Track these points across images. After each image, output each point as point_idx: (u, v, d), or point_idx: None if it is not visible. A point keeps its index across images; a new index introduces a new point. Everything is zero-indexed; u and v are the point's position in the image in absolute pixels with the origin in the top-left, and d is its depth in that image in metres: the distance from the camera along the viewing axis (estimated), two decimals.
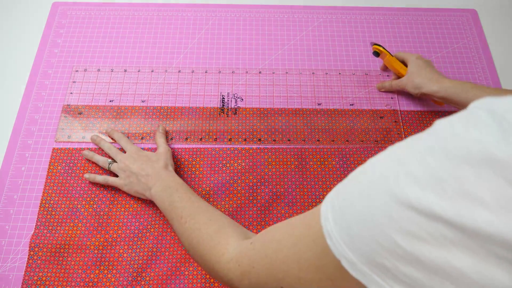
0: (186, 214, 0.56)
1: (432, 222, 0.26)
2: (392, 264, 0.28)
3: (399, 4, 0.90)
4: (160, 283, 0.62)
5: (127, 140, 0.70)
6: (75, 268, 0.63)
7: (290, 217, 0.67)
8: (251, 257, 0.43)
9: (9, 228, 0.65)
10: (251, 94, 0.78)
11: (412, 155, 0.28)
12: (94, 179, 0.67)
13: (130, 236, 0.65)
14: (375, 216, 0.29)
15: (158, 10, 0.88)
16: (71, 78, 0.79)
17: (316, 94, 0.78)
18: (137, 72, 0.80)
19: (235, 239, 0.48)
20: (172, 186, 0.61)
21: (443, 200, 0.26)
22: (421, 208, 0.26)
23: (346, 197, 0.32)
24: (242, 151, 0.72)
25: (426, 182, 0.27)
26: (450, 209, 0.25)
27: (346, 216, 0.31)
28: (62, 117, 0.75)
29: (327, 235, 0.33)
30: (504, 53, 0.84)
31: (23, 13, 0.88)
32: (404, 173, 0.28)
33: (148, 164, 0.65)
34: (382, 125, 0.75)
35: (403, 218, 0.27)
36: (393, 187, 0.28)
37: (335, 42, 0.85)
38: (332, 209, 0.33)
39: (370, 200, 0.30)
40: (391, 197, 0.28)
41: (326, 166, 0.71)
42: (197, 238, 0.52)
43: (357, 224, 0.30)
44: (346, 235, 0.31)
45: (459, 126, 0.27)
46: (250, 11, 0.88)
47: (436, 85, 0.69)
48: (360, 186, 0.31)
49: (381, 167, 0.31)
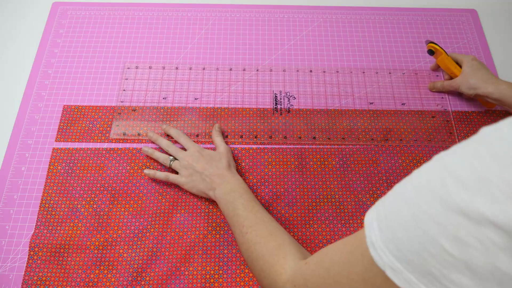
0: (248, 224, 0.56)
1: (480, 227, 0.26)
2: (440, 271, 0.28)
3: (399, 4, 0.90)
4: (160, 283, 0.62)
5: (187, 138, 0.70)
6: (75, 268, 0.63)
7: (290, 217, 0.67)
8: (306, 277, 0.44)
9: (9, 228, 0.65)
10: (304, 93, 0.78)
11: (459, 159, 0.28)
12: (154, 176, 0.67)
13: (130, 236, 0.65)
14: (422, 222, 0.29)
15: (158, 10, 0.87)
16: (123, 76, 0.79)
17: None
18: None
19: (293, 259, 0.49)
20: (236, 190, 0.61)
21: (492, 203, 0.25)
22: (469, 213, 0.26)
23: (392, 205, 0.32)
24: (242, 151, 0.72)
25: (473, 186, 0.26)
26: (500, 213, 0.25)
27: (391, 223, 0.31)
28: (116, 114, 0.75)
29: (370, 245, 0.33)
30: (504, 53, 0.84)
31: (23, 13, 0.87)
32: (450, 177, 0.28)
33: (211, 163, 0.65)
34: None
35: (451, 223, 0.27)
36: (440, 191, 0.28)
37: (335, 42, 0.84)
38: (377, 217, 0.33)
39: (417, 206, 0.29)
40: (438, 202, 0.28)
41: (326, 166, 0.71)
42: (256, 252, 0.53)
43: (404, 231, 0.30)
44: (392, 244, 0.31)
45: (506, 130, 0.27)
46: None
47: (491, 87, 0.69)
48: (406, 193, 0.31)
49: (427, 174, 0.30)
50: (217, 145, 0.69)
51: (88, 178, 0.69)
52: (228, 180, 0.63)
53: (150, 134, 0.71)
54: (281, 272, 0.48)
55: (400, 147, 0.73)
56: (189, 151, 0.67)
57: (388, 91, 0.79)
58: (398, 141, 0.74)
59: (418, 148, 0.73)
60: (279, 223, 0.66)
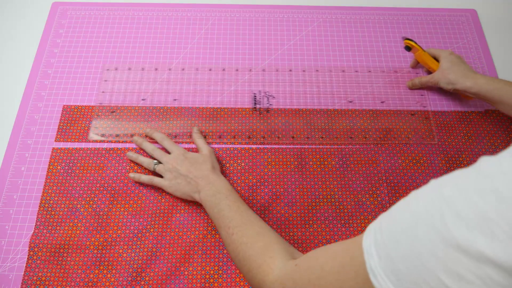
0: (234, 225, 0.56)
1: (480, 265, 0.25)
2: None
3: (399, 4, 0.90)
4: (160, 283, 0.62)
5: (171, 141, 0.70)
6: (74, 268, 0.63)
7: (289, 217, 0.67)
8: (295, 281, 0.43)
9: (9, 228, 0.65)
10: (284, 93, 0.78)
11: (459, 193, 0.28)
12: (139, 179, 0.67)
13: (130, 236, 0.65)
14: (421, 255, 0.28)
15: (158, 10, 0.87)
16: (103, 78, 0.79)
17: (349, 92, 0.78)
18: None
19: (280, 259, 0.49)
20: (221, 191, 0.61)
21: (492, 241, 0.25)
22: (469, 250, 0.26)
23: (390, 233, 0.32)
24: (242, 151, 0.72)
25: (474, 223, 0.26)
26: (500, 252, 0.24)
27: (391, 253, 0.31)
28: (95, 115, 0.74)
29: (370, 271, 0.33)
30: (504, 53, 0.84)
31: (23, 13, 0.88)
32: (450, 212, 0.27)
33: (195, 166, 0.65)
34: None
35: (450, 259, 0.27)
36: (439, 226, 0.27)
37: (335, 41, 0.84)
38: (375, 244, 0.33)
39: (416, 238, 0.29)
40: (437, 236, 0.27)
41: (325, 166, 0.71)
42: (243, 253, 0.53)
43: (403, 262, 0.30)
44: (391, 273, 0.31)
45: (506, 164, 0.26)
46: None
47: (469, 81, 0.70)
48: (405, 222, 0.31)
49: (425, 203, 0.30)
50: (200, 147, 0.69)
51: (88, 178, 0.69)
52: (212, 182, 0.63)
53: (135, 138, 0.71)
54: (269, 272, 0.48)
55: (393, 146, 0.73)
56: (173, 155, 0.67)
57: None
58: (373, 140, 0.74)
59: (418, 148, 0.73)
60: (279, 223, 0.66)
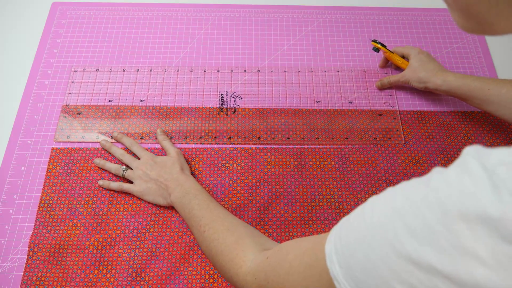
0: (204, 222, 0.57)
1: (430, 276, 0.26)
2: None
3: (399, 4, 0.90)
4: (159, 283, 0.62)
5: (140, 147, 0.70)
6: (74, 268, 0.63)
7: (289, 217, 0.67)
8: (267, 273, 0.45)
9: (9, 228, 0.65)
10: (250, 93, 0.78)
11: (409, 205, 0.29)
12: (109, 186, 0.67)
13: (129, 236, 0.65)
14: (376, 267, 0.29)
15: (157, 10, 0.87)
16: (70, 78, 0.79)
17: (315, 93, 0.78)
18: (136, 72, 0.80)
19: (252, 251, 0.50)
20: (190, 192, 0.62)
21: (440, 254, 0.26)
22: (420, 262, 0.27)
23: (348, 243, 0.33)
24: (242, 151, 0.72)
25: (423, 236, 0.27)
26: (448, 264, 0.25)
27: (349, 262, 0.32)
28: (62, 117, 0.75)
29: (334, 278, 0.34)
30: (504, 53, 0.84)
31: (23, 13, 0.88)
32: (401, 225, 0.28)
33: (165, 169, 0.65)
34: (382, 124, 0.75)
35: (403, 270, 0.27)
36: (391, 239, 0.29)
37: (335, 42, 0.84)
38: (335, 251, 0.34)
39: (371, 250, 0.30)
40: (390, 249, 0.28)
41: (325, 166, 0.71)
42: (215, 249, 0.53)
43: (361, 272, 0.31)
44: (352, 281, 0.32)
45: (453, 175, 0.27)
46: (250, 11, 0.88)
47: (439, 80, 0.70)
48: (361, 232, 0.32)
49: (379, 215, 0.31)
50: (167, 149, 0.70)
51: (87, 178, 0.69)
52: (182, 184, 0.63)
53: (103, 142, 0.71)
54: (241, 265, 0.49)
55: (392, 146, 0.73)
56: (143, 160, 0.68)
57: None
58: (342, 140, 0.74)
59: (417, 148, 0.73)
60: (278, 223, 0.66)
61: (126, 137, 0.72)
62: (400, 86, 0.79)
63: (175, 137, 0.73)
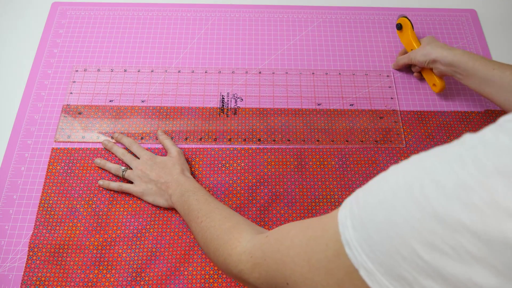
0: (202, 214, 0.56)
1: (456, 235, 0.25)
2: (412, 276, 0.27)
3: (399, 4, 0.90)
4: (159, 283, 0.62)
5: (140, 146, 0.70)
6: (74, 268, 0.63)
7: (289, 217, 0.67)
8: (264, 250, 0.43)
9: (9, 228, 0.65)
10: (251, 94, 0.78)
11: (439, 163, 0.28)
12: (108, 186, 0.67)
13: (129, 236, 0.65)
14: (397, 225, 0.28)
15: (157, 10, 0.88)
16: (71, 78, 0.79)
17: (316, 94, 0.78)
18: (136, 72, 0.80)
19: (249, 233, 0.49)
20: (190, 190, 0.61)
21: (470, 210, 0.25)
22: (446, 219, 0.26)
23: (367, 205, 0.31)
24: (242, 151, 0.72)
25: (453, 191, 0.26)
26: (477, 221, 0.24)
27: (366, 224, 0.31)
28: (62, 117, 0.75)
29: (345, 243, 0.32)
30: (503, 54, 0.84)
31: (23, 13, 0.87)
32: (429, 181, 0.27)
33: (165, 170, 0.65)
34: (382, 125, 0.75)
35: (426, 229, 0.26)
36: (417, 195, 0.27)
37: (335, 42, 0.85)
38: (351, 215, 0.32)
39: (393, 209, 0.29)
40: (415, 206, 0.27)
41: (325, 166, 0.71)
42: (211, 235, 0.52)
43: (378, 233, 0.29)
44: (366, 244, 0.30)
45: (490, 134, 0.26)
46: (250, 11, 0.88)
47: (446, 51, 0.70)
48: (382, 194, 0.30)
49: (405, 175, 0.30)
50: (168, 148, 0.70)
51: (87, 178, 0.69)
52: (182, 184, 0.63)
53: (105, 142, 0.71)
54: (236, 245, 0.48)
55: (392, 146, 0.73)
56: (142, 159, 0.67)
57: None
58: (345, 143, 0.74)
59: (417, 148, 0.73)
60: (278, 223, 0.66)
61: (126, 137, 0.72)
62: (401, 86, 0.79)
63: (175, 137, 0.73)
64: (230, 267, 0.47)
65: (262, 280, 0.43)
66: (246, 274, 0.45)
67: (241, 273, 0.45)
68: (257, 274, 0.43)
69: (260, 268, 0.43)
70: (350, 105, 0.77)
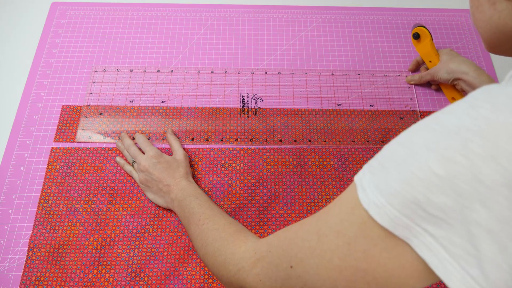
0: (204, 217, 0.56)
1: (468, 143, 0.28)
2: (425, 196, 0.29)
3: (399, 4, 0.90)
4: (159, 283, 0.62)
5: (146, 140, 0.70)
6: (73, 268, 0.63)
7: (288, 217, 0.67)
8: (270, 243, 0.43)
9: (8, 228, 0.66)
10: (271, 95, 0.78)
11: (442, 112, 0.32)
12: (123, 166, 0.70)
13: (129, 236, 0.65)
14: (414, 151, 0.31)
15: (157, 10, 0.88)
16: (90, 79, 0.79)
17: (336, 95, 0.78)
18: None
19: (254, 237, 0.49)
20: (192, 194, 0.61)
21: (476, 119, 0.29)
22: (458, 131, 0.29)
23: (385, 151, 0.34)
24: (241, 151, 0.72)
25: (462, 112, 0.30)
26: (482, 123, 0.28)
27: (385, 163, 0.33)
28: (82, 117, 0.75)
29: (359, 186, 0.34)
30: None
31: (22, 13, 0.88)
32: (440, 113, 0.31)
33: (168, 172, 0.65)
34: (402, 126, 0.75)
35: (442, 146, 0.29)
36: (433, 126, 0.31)
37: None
38: (368, 166, 0.34)
39: (410, 142, 0.32)
40: (431, 133, 0.31)
41: (324, 166, 0.71)
42: (213, 236, 0.52)
43: (396, 165, 0.31)
44: (381, 180, 0.32)
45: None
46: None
47: (472, 71, 0.71)
48: (401, 137, 0.33)
49: (418, 123, 0.33)
50: (175, 149, 0.70)
51: (87, 178, 0.69)
52: (184, 188, 0.63)
53: (122, 134, 0.72)
54: (241, 245, 0.47)
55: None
56: (146, 155, 0.67)
57: None
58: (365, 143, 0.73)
59: None
60: (278, 223, 0.66)
61: (139, 133, 0.72)
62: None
63: (182, 137, 0.73)
64: (229, 267, 0.47)
65: (262, 276, 0.42)
66: (245, 272, 0.44)
67: (239, 272, 0.45)
68: (258, 269, 0.43)
69: (263, 261, 0.43)
70: (370, 106, 0.77)
